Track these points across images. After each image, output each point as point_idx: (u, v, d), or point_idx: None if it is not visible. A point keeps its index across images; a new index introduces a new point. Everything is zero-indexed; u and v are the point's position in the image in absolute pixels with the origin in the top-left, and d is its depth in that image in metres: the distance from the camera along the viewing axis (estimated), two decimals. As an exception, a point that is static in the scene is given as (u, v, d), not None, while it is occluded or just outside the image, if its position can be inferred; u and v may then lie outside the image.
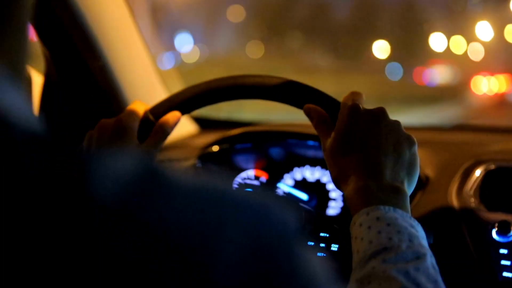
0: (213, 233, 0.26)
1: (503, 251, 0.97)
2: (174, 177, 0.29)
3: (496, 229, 0.98)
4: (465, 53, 11.15)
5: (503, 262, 0.96)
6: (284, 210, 0.30)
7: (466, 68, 10.73)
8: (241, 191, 0.30)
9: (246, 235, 0.27)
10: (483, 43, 10.36)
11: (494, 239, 0.98)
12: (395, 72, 12.17)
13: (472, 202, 1.02)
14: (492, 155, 1.10)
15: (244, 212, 0.28)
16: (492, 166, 1.04)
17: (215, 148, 1.13)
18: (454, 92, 10.30)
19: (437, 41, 11.16)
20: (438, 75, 11.50)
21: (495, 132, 1.30)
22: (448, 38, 11.12)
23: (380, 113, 0.71)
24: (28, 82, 0.36)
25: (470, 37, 10.68)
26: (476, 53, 10.66)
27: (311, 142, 1.13)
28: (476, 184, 1.03)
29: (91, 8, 1.06)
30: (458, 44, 11.10)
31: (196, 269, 0.25)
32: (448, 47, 11.22)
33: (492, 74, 9.78)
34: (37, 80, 1.10)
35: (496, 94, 9.70)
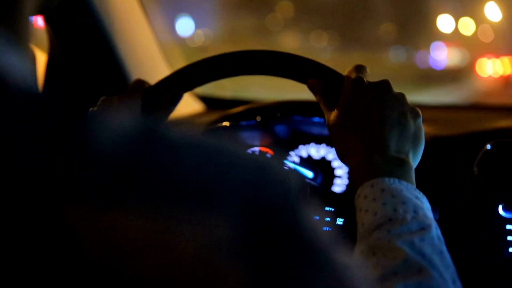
0: (216, 183, 0.27)
1: (509, 227, 0.98)
2: (176, 135, 0.29)
3: (503, 205, 0.99)
4: (475, 34, 11.06)
5: (510, 238, 0.97)
6: (287, 171, 0.30)
7: (476, 49, 10.65)
8: (246, 151, 0.31)
9: (248, 188, 0.27)
10: (492, 24, 10.27)
11: (500, 215, 0.99)
12: (399, 54, 12.11)
13: (479, 177, 1.02)
14: (499, 131, 1.10)
15: (248, 166, 0.29)
16: (500, 142, 1.04)
17: (220, 125, 1.14)
18: (460, 74, 10.26)
19: (445, 22, 11.07)
20: (446, 57, 11.43)
21: (501, 111, 1.29)
22: (457, 20, 11.03)
23: (384, 86, 0.70)
24: (32, 57, 0.36)
25: (479, 19, 10.59)
26: (486, 34, 10.57)
27: (316, 119, 1.13)
28: (483, 160, 1.03)
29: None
30: (467, 26, 11.00)
31: (193, 225, 0.25)
32: (456, 29, 11.13)
33: (497, 56, 9.72)
34: (40, 58, 1.10)
35: (501, 76, 9.65)
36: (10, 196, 0.25)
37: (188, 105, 1.37)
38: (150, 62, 1.27)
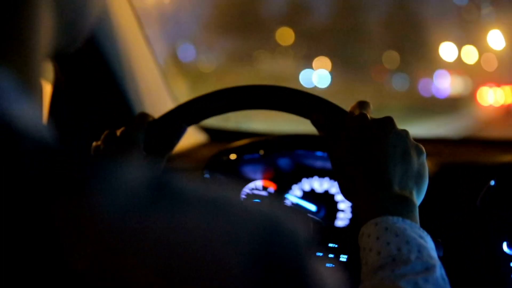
0: (222, 243, 0.27)
1: (514, 264, 0.98)
2: (181, 187, 0.29)
3: (507, 242, 0.98)
4: (477, 63, 11.11)
5: (514, 275, 0.97)
6: (293, 220, 0.30)
7: (478, 78, 10.69)
8: (250, 201, 0.30)
9: (256, 245, 0.27)
10: (496, 53, 10.32)
11: (505, 252, 0.98)
12: (401, 82, 12.16)
13: (483, 213, 1.02)
14: (502, 167, 1.10)
15: (254, 222, 0.29)
16: (503, 178, 1.04)
17: (223, 158, 1.14)
18: (461, 103, 10.29)
19: (447, 50, 11.13)
20: (448, 85, 11.48)
21: (504, 145, 1.30)
22: (460, 48, 11.09)
23: (388, 122, 0.70)
24: (39, 92, 0.37)
25: (482, 47, 10.65)
26: (490, 63, 10.62)
27: (319, 153, 1.13)
28: (487, 196, 1.03)
29: (99, 17, 1.08)
30: (469, 54, 11.06)
31: (205, 280, 0.25)
32: (459, 57, 11.19)
33: (498, 85, 9.76)
34: (46, 89, 1.11)
35: (502, 106, 9.66)
36: (12, 201, 0.26)
37: (191, 136, 1.38)
38: (154, 94, 1.28)
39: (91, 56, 1.10)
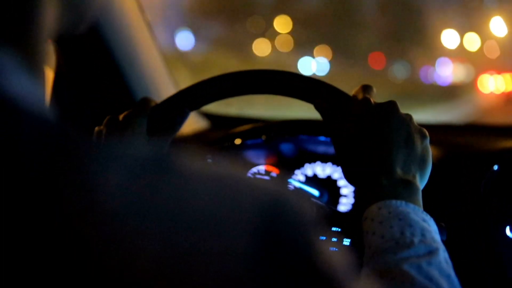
0: (228, 218, 0.27)
1: (517, 248, 0.98)
2: (186, 164, 0.29)
3: (510, 226, 0.99)
4: (480, 50, 11.10)
5: (517, 259, 0.98)
6: (299, 199, 0.30)
7: (481, 65, 10.70)
8: (256, 178, 0.31)
9: (261, 222, 0.28)
10: (498, 40, 10.31)
11: (508, 236, 0.99)
12: (402, 70, 12.15)
13: (486, 198, 1.03)
14: (505, 152, 1.11)
15: (260, 199, 0.29)
16: (507, 163, 1.05)
17: (226, 143, 1.15)
18: (461, 90, 10.30)
19: (449, 38, 11.12)
20: (449, 73, 11.48)
21: (505, 131, 1.30)
22: (462, 36, 11.07)
23: (391, 107, 0.70)
24: (42, 74, 0.38)
25: (485, 34, 10.63)
26: (492, 50, 10.61)
27: (322, 138, 1.14)
28: (490, 181, 1.04)
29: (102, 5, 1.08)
30: (472, 41, 11.04)
31: (211, 254, 0.26)
32: (461, 44, 11.17)
33: (499, 73, 9.76)
34: (49, 71, 1.12)
35: (503, 93, 9.67)
36: (13, 192, 0.25)
37: (193, 122, 1.38)
38: (156, 79, 1.29)
39: (93, 41, 1.10)
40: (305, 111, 0.87)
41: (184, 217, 0.26)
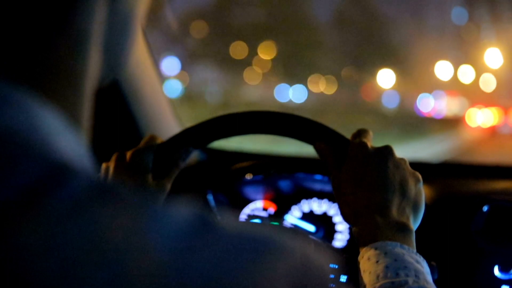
0: (258, 280, 0.28)
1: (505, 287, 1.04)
2: (223, 226, 0.31)
3: (499, 266, 1.05)
4: (475, 83, 11.22)
5: (505, 298, 1.03)
6: (322, 256, 0.33)
7: (475, 99, 10.80)
8: (284, 240, 0.32)
9: (291, 282, 0.29)
10: (494, 73, 10.44)
11: (496, 276, 1.05)
12: (392, 101, 12.25)
13: (475, 239, 1.09)
14: (494, 193, 1.17)
15: (285, 259, 0.30)
16: (496, 204, 1.11)
17: (225, 179, 1.20)
18: (450, 125, 10.41)
19: (443, 70, 11.25)
20: (444, 106, 11.60)
21: (495, 170, 1.36)
22: (456, 68, 11.21)
23: (387, 152, 0.76)
24: (85, 125, 0.39)
25: (480, 67, 10.77)
26: (488, 83, 10.74)
27: (318, 176, 1.19)
28: (479, 222, 1.10)
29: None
30: (466, 74, 11.17)
31: None
32: (455, 77, 11.30)
33: (486, 106, 9.88)
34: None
35: (491, 127, 9.77)
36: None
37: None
38: (161, 117, 1.34)
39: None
40: (301, 146, 0.92)
41: (222, 284, 0.27)
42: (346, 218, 0.76)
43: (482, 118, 10.12)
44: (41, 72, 0.33)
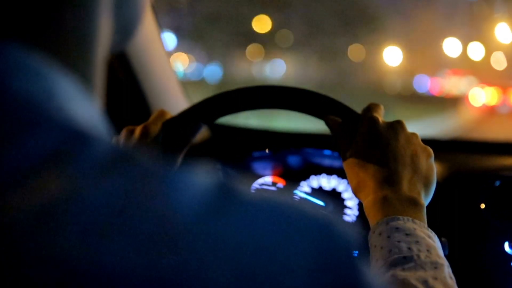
0: (285, 246, 0.29)
1: (515, 263, 1.06)
2: (244, 193, 0.31)
3: (509, 242, 1.07)
4: (486, 61, 11.17)
5: (515, 274, 1.05)
6: (345, 225, 0.33)
7: (486, 77, 10.77)
8: (304, 204, 0.33)
9: (313, 248, 0.30)
10: (505, 51, 10.39)
11: (506, 252, 1.07)
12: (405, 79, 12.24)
13: (485, 214, 1.11)
14: (504, 169, 1.19)
15: (311, 226, 0.31)
16: (506, 180, 1.13)
17: (235, 154, 1.21)
18: (455, 103, 10.41)
19: (452, 47, 11.19)
20: (450, 84, 11.59)
21: (505, 147, 1.38)
22: (466, 45, 11.15)
23: (398, 126, 0.77)
24: (98, 92, 0.40)
25: (492, 45, 10.70)
26: (499, 61, 10.69)
27: (327, 152, 1.21)
28: (490, 197, 1.12)
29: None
30: (476, 51, 11.12)
31: (268, 284, 0.28)
32: (465, 54, 11.25)
33: (489, 85, 9.89)
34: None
35: (493, 106, 9.80)
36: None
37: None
38: (169, 91, 1.35)
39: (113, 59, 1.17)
40: (311, 122, 0.92)
41: (247, 247, 0.28)
42: (356, 192, 0.77)
43: (485, 97, 10.13)
44: (54, 39, 0.34)
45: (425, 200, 0.75)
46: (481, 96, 10.15)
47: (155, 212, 0.27)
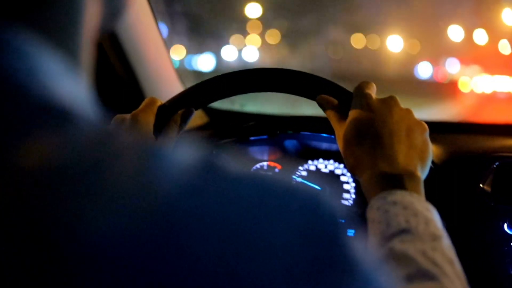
0: (265, 221, 0.30)
1: (514, 244, 1.07)
2: (229, 169, 0.32)
3: (508, 222, 1.09)
4: (493, 47, 11.12)
5: (515, 255, 1.06)
6: (329, 198, 0.34)
7: (494, 64, 10.74)
8: (279, 177, 0.33)
9: (298, 223, 0.31)
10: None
11: (506, 233, 1.08)
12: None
13: (485, 195, 1.12)
14: (503, 150, 1.20)
15: (297, 199, 0.32)
16: (504, 161, 1.14)
17: (230, 139, 1.22)
18: (457, 90, 10.43)
19: (456, 33, 11.16)
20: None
21: (504, 128, 1.39)
22: (471, 31, 11.11)
23: (391, 101, 0.78)
24: (87, 73, 0.40)
25: (499, 31, 10.65)
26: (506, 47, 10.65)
27: (324, 135, 1.22)
28: (489, 178, 1.13)
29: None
30: (481, 37, 11.08)
31: (252, 257, 0.28)
32: (471, 40, 11.21)
33: (491, 73, 9.88)
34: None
35: (494, 92, 9.80)
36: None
37: (195, 116, 1.45)
38: (164, 79, 1.36)
39: (106, 40, 1.18)
40: (307, 105, 0.93)
41: (231, 223, 0.29)
42: (351, 170, 0.78)
43: (487, 84, 10.13)
44: (38, 17, 0.35)
45: (422, 173, 0.76)
46: (485, 82, 10.14)
47: (137, 189, 0.28)
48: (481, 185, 1.12)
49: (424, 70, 12.00)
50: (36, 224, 0.26)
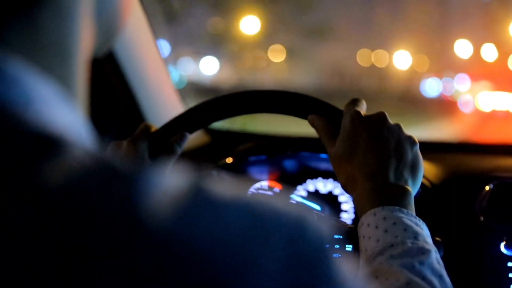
0: (258, 245, 0.30)
1: (511, 264, 1.10)
2: (216, 193, 0.32)
3: (504, 242, 1.11)
4: (501, 63, 11.12)
5: (511, 275, 1.10)
6: (318, 221, 0.35)
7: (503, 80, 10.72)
8: (278, 201, 0.34)
9: (287, 246, 0.31)
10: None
11: (502, 253, 1.11)
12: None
13: (481, 216, 1.15)
14: (500, 170, 1.24)
15: (286, 224, 0.32)
16: (501, 181, 1.17)
17: (230, 160, 1.26)
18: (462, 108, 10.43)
19: (464, 49, 11.16)
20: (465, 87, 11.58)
21: (499, 149, 1.42)
22: (479, 47, 11.13)
23: (380, 117, 0.80)
24: (81, 97, 0.40)
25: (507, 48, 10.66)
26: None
27: (323, 155, 1.25)
28: (485, 198, 1.16)
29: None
30: (490, 53, 11.09)
31: (235, 283, 0.29)
32: (479, 56, 11.23)
33: (500, 90, 9.87)
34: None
35: (505, 111, 9.77)
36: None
37: (195, 137, 1.48)
38: (163, 96, 1.40)
39: (105, 62, 1.21)
40: (305, 125, 0.96)
41: (218, 246, 0.29)
42: (344, 187, 0.81)
43: (495, 101, 10.12)
44: (32, 44, 0.35)
45: (414, 187, 0.78)
46: (492, 100, 10.15)
47: (124, 214, 0.29)
48: (478, 205, 1.16)
49: (431, 87, 12.03)
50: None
